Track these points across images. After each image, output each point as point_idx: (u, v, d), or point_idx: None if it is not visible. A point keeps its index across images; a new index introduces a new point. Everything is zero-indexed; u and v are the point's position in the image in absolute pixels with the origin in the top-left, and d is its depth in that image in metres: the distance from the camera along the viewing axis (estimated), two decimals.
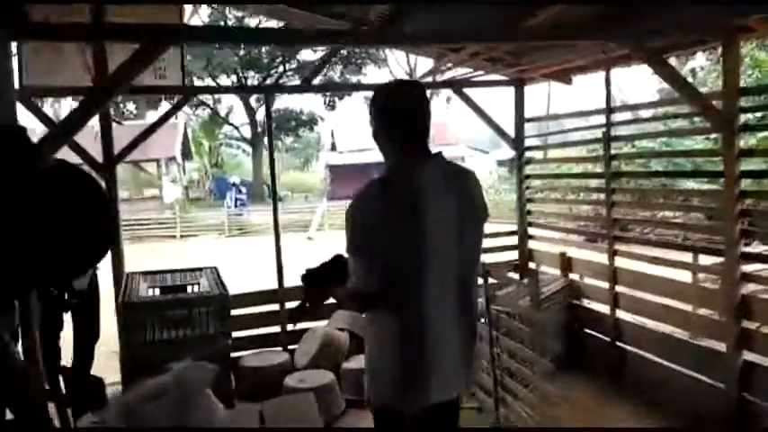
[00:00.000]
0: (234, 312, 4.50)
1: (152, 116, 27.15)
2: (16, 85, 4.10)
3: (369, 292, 1.78)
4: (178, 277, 4.41)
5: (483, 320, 3.93)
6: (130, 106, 23.74)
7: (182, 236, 19.14)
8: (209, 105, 28.09)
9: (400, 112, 1.85)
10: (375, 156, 5.30)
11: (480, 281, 3.87)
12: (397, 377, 1.81)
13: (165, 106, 28.25)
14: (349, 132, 31.25)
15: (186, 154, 27.73)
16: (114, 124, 4.60)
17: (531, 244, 5.49)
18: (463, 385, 1.96)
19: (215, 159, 30.53)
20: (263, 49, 25.19)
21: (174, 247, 17.06)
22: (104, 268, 4.78)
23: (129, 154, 4.56)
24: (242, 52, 24.82)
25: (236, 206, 22.93)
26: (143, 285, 4.11)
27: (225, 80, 26.06)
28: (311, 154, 42.44)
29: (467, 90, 5.09)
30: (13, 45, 4.19)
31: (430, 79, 5.33)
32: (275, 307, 4.91)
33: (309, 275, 1.91)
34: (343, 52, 24.38)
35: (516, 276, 5.38)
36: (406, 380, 1.80)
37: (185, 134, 27.37)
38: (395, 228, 1.74)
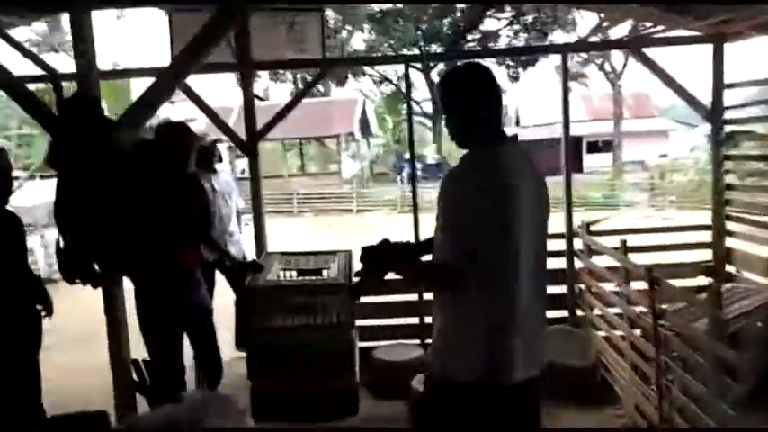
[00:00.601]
0: (369, 300, 4.32)
1: (337, 93, 28.66)
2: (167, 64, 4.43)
3: (457, 269, 1.78)
4: (313, 260, 4.28)
5: (648, 340, 3.19)
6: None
7: (358, 210, 19.84)
8: (391, 81, 28.64)
9: (484, 93, 1.88)
10: (559, 130, 4.72)
11: (644, 285, 3.13)
12: (494, 352, 1.81)
13: (351, 83, 29.58)
14: (534, 106, 29.65)
15: (365, 130, 28.68)
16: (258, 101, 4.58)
17: (731, 242, 4.41)
18: (543, 360, 1.96)
19: (397, 135, 31.17)
20: (446, 21, 24.85)
21: (348, 221, 17.76)
22: (249, 244, 4.92)
23: (269, 132, 4.53)
24: (424, 26, 24.75)
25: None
26: (277, 266, 4.05)
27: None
28: None
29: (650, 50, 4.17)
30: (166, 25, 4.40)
31: (597, 38, 4.46)
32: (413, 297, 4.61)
33: (367, 254, 1.95)
34: (528, 18, 23.04)
35: (704, 282, 4.39)
36: (505, 354, 1.81)
37: (364, 110, 28.27)
38: (489, 209, 1.75)
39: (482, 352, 1.80)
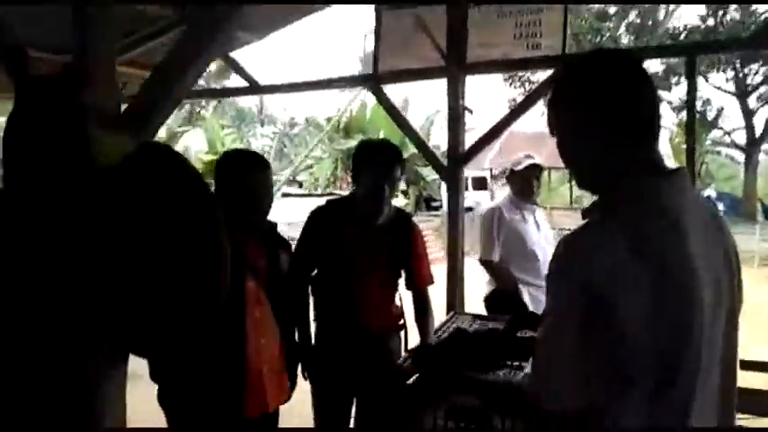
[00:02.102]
0: None
1: None
2: (369, 70, 3.78)
3: (574, 407, 0.94)
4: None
5: None
6: None
7: None
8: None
9: (626, 100, 1.04)
10: None
11: None
12: None
13: None
14: None
15: None
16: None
17: None
18: None
19: (697, 168, 26.79)
20: None
21: None
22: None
23: (478, 154, 3.51)
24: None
25: None
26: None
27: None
28: None
29: None
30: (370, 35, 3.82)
31: None
32: None
33: (422, 352, 1.53)
34: None
35: None
36: None
37: None
38: (646, 299, 0.91)
39: None
